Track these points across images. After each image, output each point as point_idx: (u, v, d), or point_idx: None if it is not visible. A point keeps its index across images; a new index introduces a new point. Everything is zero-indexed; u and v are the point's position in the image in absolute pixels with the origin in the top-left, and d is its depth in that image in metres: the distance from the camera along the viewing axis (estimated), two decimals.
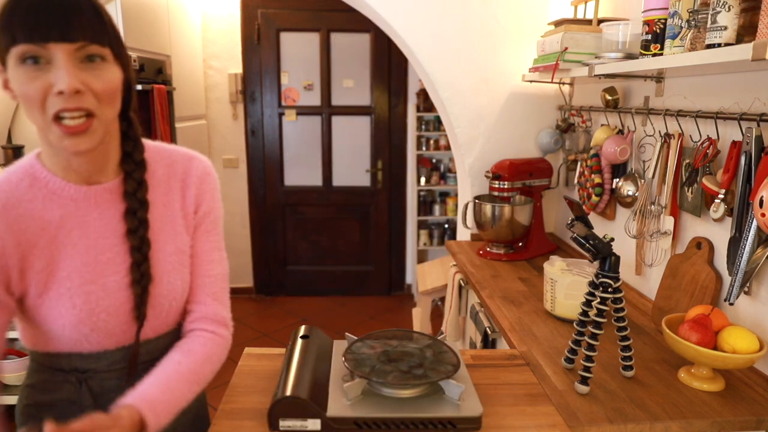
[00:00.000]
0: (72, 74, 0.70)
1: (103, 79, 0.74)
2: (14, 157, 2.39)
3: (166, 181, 0.90)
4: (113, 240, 0.83)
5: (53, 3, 0.68)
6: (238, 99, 3.78)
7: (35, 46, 0.68)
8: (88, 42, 0.72)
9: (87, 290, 0.81)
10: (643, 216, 1.61)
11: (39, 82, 0.70)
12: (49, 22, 0.68)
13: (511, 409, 1.07)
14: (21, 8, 0.68)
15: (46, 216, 0.80)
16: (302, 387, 0.96)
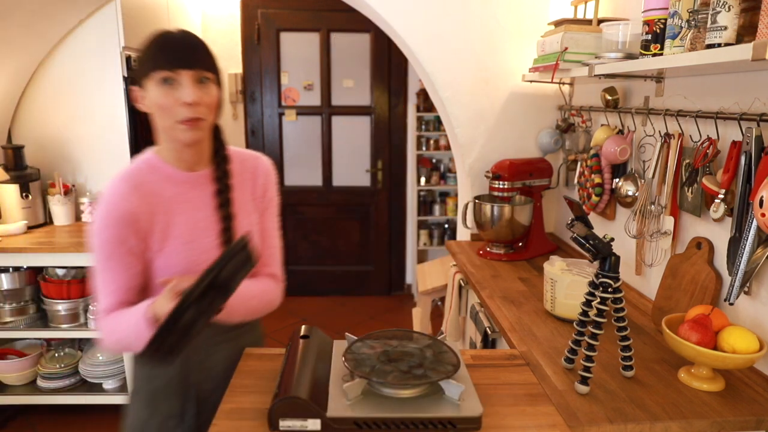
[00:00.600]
0: (193, 91, 1.02)
1: (210, 95, 1.06)
2: (14, 157, 2.39)
3: (240, 173, 1.20)
4: (207, 212, 1.13)
5: (182, 44, 1.03)
6: (238, 99, 3.78)
7: (171, 72, 1.01)
8: (202, 69, 1.04)
9: (190, 246, 1.11)
10: (643, 216, 1.61)
11: (171, 97, 1.02)
12: (179, 56, 1.01)
13: (511, 409, 1.07)
14: (162, 46, 1.02)
15: (163, 193, 1.11)
16: (302, 387, 0.96)
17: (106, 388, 2.38)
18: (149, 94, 1.04)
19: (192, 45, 1.04)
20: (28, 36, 2.29)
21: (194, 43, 1.04)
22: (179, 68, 1.01)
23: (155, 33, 1.05)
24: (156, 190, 1.10)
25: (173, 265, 1.09)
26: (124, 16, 2.49)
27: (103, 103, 2.56)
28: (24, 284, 2.29)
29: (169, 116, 1.03)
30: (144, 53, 1.03)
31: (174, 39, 1.03)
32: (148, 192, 1.09)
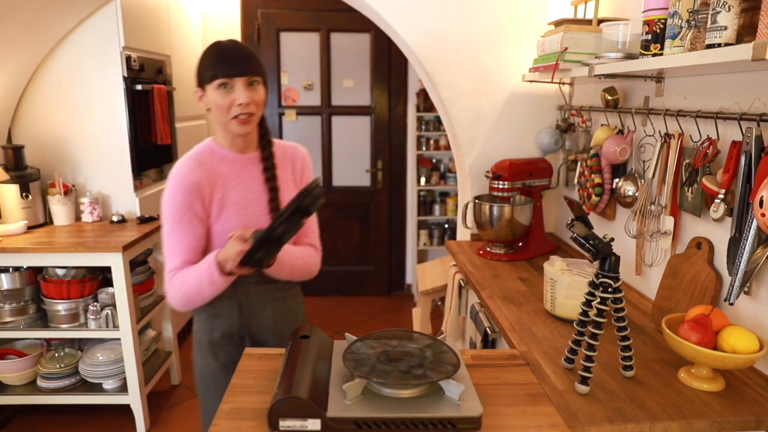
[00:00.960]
0: (246, 94, 1.25)
1: (258, 94, 1.29)
2: (14, 157, 2.39)
3: (281, 157, 1.43)
4: (257, 186, 1.37)
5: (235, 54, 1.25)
6: None
7: (228, 79, 1.24)
8: (252, 75, 1.27)
9: (243, 213, 1.34)
10: (643, 216, 1.61)
11: (228, 99, 1.25)
12: (235, 67, 1.24)
13: (511, 409, 1.07)
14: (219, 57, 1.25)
15: (220, 170, 1.35)
16: (302, 387, 0.96)
17: (106, 388, 2.38)
18: (209, 95, 1.27)
19: (243, 55, 1.26)
20: (28, 36, 2.29)
21: (245, 53, 1.26)
22: (234, 76, 1.24)
23: (211, 46, 1.29)
24: (214, 167, 1.34)
25: (229, 228, 1.32)
26: (124, 16, 2.49)
27: (103, 103, 2.56)
28: (24, 284, 2.29)
29: (226, 114, 1.27)
30: (203, 63, 1.27)
31: (228, 50, 1.26)
32: (208, 168, 1.33)
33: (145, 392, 2.39)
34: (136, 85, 2.61)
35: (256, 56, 1.29)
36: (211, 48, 1.28)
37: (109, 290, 2.32)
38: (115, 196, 2.67)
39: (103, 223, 2.56)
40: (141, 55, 2.69)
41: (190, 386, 2.83)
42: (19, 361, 2.34)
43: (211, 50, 1.28)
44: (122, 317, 2.25)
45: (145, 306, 2.50)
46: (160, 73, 2.92)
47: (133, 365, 2.30)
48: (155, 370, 2.56)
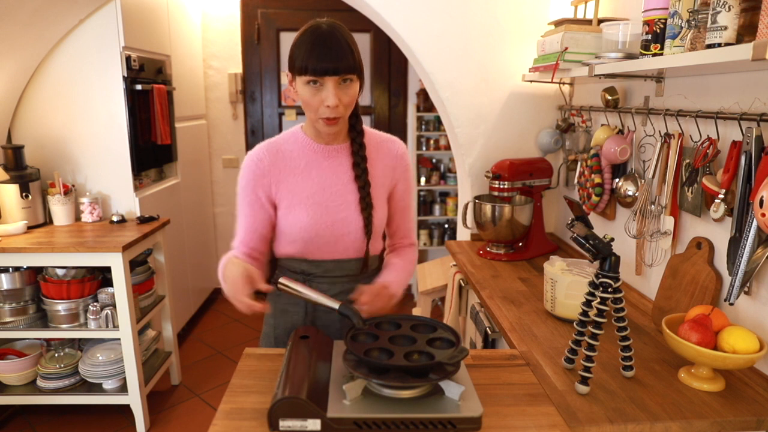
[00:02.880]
0: (335, 94, 1.14)
1: (349, 93, 1.17)
2: (14, 156, 2.39)
3: (375, 150, 1.31)
4: (342, 181, 1.26)
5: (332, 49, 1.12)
6: (238, 99, 3.78)
7: (318, 77, 1.12)
8: (345, 74, 1.14)
9: (315, 208, 1.24)
10: (643, 216, 1.61)
11: (317, 97, 1.15)
12: (326, 66, 1.11)
13: (512, 409, 1.07)
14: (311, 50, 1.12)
15: (297, 159, 1.26)
16: (302, 387, 0.96)
17: (106, 388, 2.38)
18: (298, 85, 1.17)
19: (339, 48, 1.12)
20: (28, 35, 2.29)
21: (341, 46, 1.13)
22: (324, 74, 1.12)
23: (308, 29, 1.16)
24: (291, 155, 1.27)
25: (300, 221, 1.25)
26: (124, 15, 2.49)
27: (103, 102, 2.56)
28: (24, 284, 2.29)
29: (313, 112, 1.18)
30: (296, 48, 1.15)
31: (324, 40, 1.12)
32: (282, 156, 1.26)
33: (145, 392, 2.39)
34: (135, 85, 2.61)
35: (354, 48, 1.15)
36: (307, 32, 1.15)
37: (109, 290, 2.32)
38: (114, 196, 2.67)
39: (102, 223, 2.56)
40: (141, 55, 2.68)
41: (190, 386, 2.83)
42: (19, 361, 2.34)
43: (307, 35, 1.14)
44: (122, 317, 2.25)
45: (145, 306, 2.50)
46: (160, 72, 2.92)
47: (132, 365, 2.30)
48: (155, 370, 2.55)
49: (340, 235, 1.26)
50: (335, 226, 1.25)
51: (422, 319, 1.18)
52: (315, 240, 1.26)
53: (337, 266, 1.31)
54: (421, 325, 1.16)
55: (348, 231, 1.26)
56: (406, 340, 1.10)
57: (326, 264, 1.30)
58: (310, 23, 1.17)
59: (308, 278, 1.31)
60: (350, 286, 1.29)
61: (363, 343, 1.09)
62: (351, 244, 1.28)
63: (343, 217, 1.25)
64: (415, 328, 1.15)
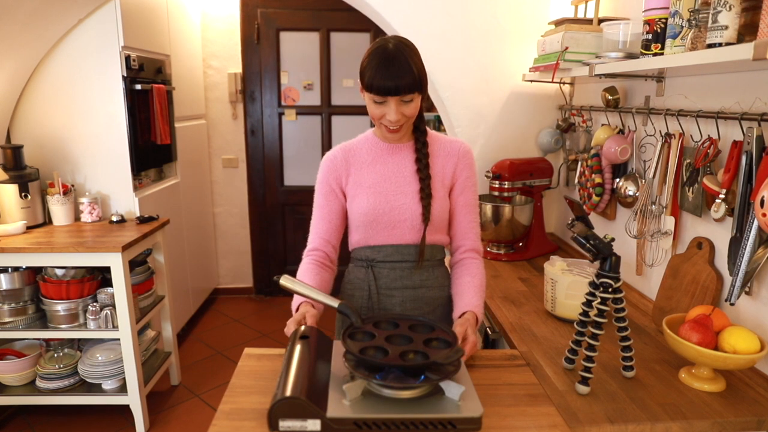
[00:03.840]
0: (396, 112, 1.26)
1: (411, 108, 1.28)
2: (13, 156, 2.38)
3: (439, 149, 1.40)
4: (404, 174, 1.38)
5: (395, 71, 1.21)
6: (238, 99, 3.77)
7: (381, 97, 1.24)
8: (407, 93, 1.24)
9: (375, 196, 1.37)
10: (644, 216, 1.61)
11: (379, 111, 1.27)
12: (390, 88, 1.22)
13: (512, 409, 1.07)
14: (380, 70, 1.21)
15: (364, 155, 1.40)
16: (302, 387, 0.96)
17: (106, 389, 2.37)
18: (365, 98, 1.29)
19: (402, 70, 1.22)
20: (28, 35, 2.29)
21: (405, 68, 1.22)
22: (387, 95, 1.23)
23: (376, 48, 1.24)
24: (360, 152, 1.41)
25: (361, 206, 1.38)
26: (124, 15, 2.49)
27: (102, 102, 2.56)
28: (23, 284, 2.29)
29: (378, 121, 1.31)
30: (365, 64, 1.26)
31: (389, 61, 1.22)
32: (352, 153, 1.41)
33: (144, 392, 2.39)
34: (135, 85, 2.61)
35: (416, 67, 1.24)
36: (375, 51, 1.24)
37: (109, 290, 2.32)
38: (114, 196, 2.67)
39: (102, 223, 2.55)
40: (140, 55, 2.68)
41: (189, 386, 2.83)
42: (18, 362, 2.33)
43: (374, 54, 1.24)
44: (121, 317, 2.24)
45: (145, 306, 2.50)
46: (160, 72, 2.92)
47: (132, 365, 2.29)
48: (155, 370, 2.55)
49: (398, 221, 1.37)
50: (393, 212, 1.37)
51: (420, 320, 1.17)
52: (374, 224, 1.38)
53: (396, 251, 1.40)
54: (419, 325, 1.16)
55: (404, 218, 1.37)
56: (402, 339, 1.09)
57: (386, 249, 1.41)
58: (379, 42, 1.26)
59: (372, 264, 1.43)
60: (410, 272, 1.41)
61: (359, 341, 1.09)
62: (408, 230, 1.38)
63: (400, 204, 1.37)
64: (413, 328, 1.14)
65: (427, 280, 1.42)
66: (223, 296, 4.08)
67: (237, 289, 4.09)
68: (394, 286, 1.41)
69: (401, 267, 1.40)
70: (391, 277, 1.41)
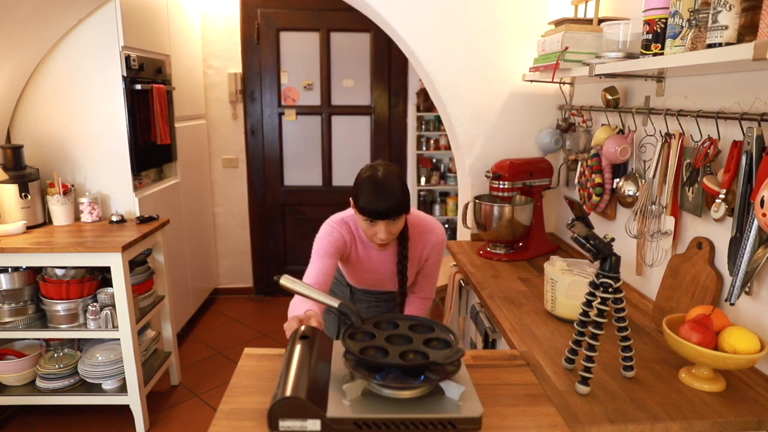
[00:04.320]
0: (386, 231, 1.47)
1: (398, 226, 1.50)
2: (13, 156, 2.38)
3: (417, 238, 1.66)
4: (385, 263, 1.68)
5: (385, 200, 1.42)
6: (238, 99, 3.78)
7: (372, 220, 1.46)
8: (395, 217, 1.46)
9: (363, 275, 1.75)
10: (644, 216, 1.61)
11: (371, 231, 1.49)
12: (381, 214, 1.43)
13: (512, 409, 1.07)
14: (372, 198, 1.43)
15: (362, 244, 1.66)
16: (302, 388, 0.96)
17: (106, 389, 2.37)
18: (357, 216, 1.50)
19: (391, 199, 1.42)
20: (28, 35, 2.29)
21: (394, 196, 1.43)
22: (377, 219, 1.44)
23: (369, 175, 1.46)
24: (360, 240, 1.65)
25: (353, 280, 1.80)
26: (124, 15, 2.49)
27: (102, 102, 2.56)
28: (23, 284, 2.29)
29: (368, 236, 1.52)
30: (358, 188, 1.48)
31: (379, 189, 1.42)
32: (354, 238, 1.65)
33: (144, 393, 2.39)
34: (135, 85, 2.61)
35: (403, 191, 1.45)
36: (365, 179, 1.46)
37: (109, 290, 2.32)
38: (114, 196, 2.67)
39: (102, 223, 2.55)
40: (140, 55, 2.68)
41: (189, 386, 2.83)
42: (18, 362, 2.33)
43: (367, 182, 1.45)
44: (121, 317, 2.24)
45: (145, 306, 2.50)
46: (160, 72, 2.92)
47: (132, 365, 2.29)
48: (155, 370, 2.55)
49: (378, 286, 1.80)
50: (376, 285, 1.79)
51: (420, 320, 1.17)
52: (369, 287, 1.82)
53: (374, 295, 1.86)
54: (419, 325, 1.16)
55: (385, 284, 1.78)
56: (402, 339, 1.09)
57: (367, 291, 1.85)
58: (369, 170, 1.48)
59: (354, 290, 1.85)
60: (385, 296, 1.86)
61: (360, 341, 1.09)
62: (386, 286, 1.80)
63: (381, 278, 1.73)
64: (413, 328, 1.14)
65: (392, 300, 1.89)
66: (223, 296, 4.08)
67: (237, 289, 4.09)
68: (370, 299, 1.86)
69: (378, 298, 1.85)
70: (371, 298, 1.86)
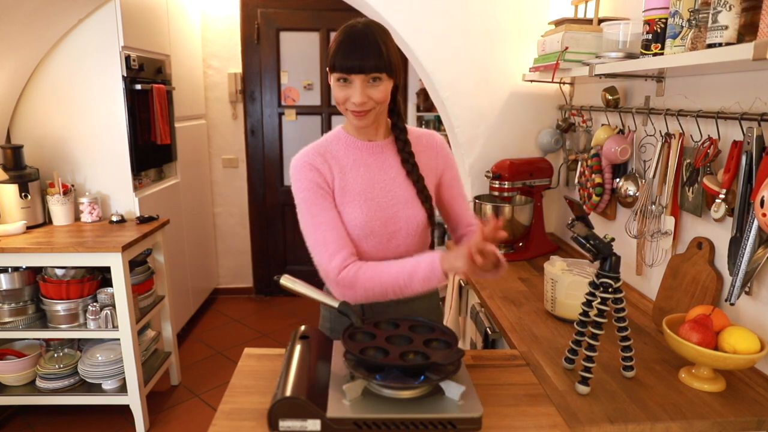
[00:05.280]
0: (362, 92, 1.16)
1: (379, 90, 1.18)
2: (13, 156, 2.38)
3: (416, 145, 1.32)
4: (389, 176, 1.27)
5: (360, 48, 1.14)
6: (238, 99, 3.78)
7: (345, 75, 1.15)
8: (373, 72, 1.15)
9: (368, 203, 1.25)
10: (644, 216, 1.61)
11: (343, 93, 1.17)
12: (354, 66, 1.14)
13: (512, 409, 1.07)
14: (343, 47, 1.14)
15: (343, 158, 1.27)
16: (302, 387, 0.96)
17: (106, 389, 2.37)
18: (332, 84, 1.20)
19: (368, 47, 1.14)
20: (28, 35, 2.29)
21: (371, 45, 1.14)
22: (351, 72, 1.14)
23: (344, 28, 1.18)
24: (337, 153, 1.28)
25: (356, 220, 1.24)
26: (124, 15, 2.49)
27: (102, 102, 2.56)
28: (23, 284, 2.29)
29: (342, 106, 1.20)
30: (331, 45, 1.19)
31: (353, 38, 1.15)
32: (330, 154, 1.27)
33: (144, 392, 2.39)
34: (135, 85, 2.61)
35: (385, 48, 1.16)
36: (341, 31, 1.18)
37: (109, 290, 2.32)
38: (114, 196, 2.66)
39: (102, 223, 2.55)
40: (140, 55, 2.68)
41: (189, 386, 2.83)
42: (18, 362, 2.33)
43: (340, 33, 1.18)
44: (121, 317, 2.24)
45: (145, 306, 2.50)
46: (160, 72, 2.92)
47: (132, 365, 2.29)
48: (155, 370, 2.55)
49: (394, 232, 1.27)
50: (389, 223, 1.26)
51: (420, 320, 1.17)
52: (369, 238, 1.25)
53: None
54: (419, 325, 1.16)
55: (400, 227, 1.27)
56: (403, 339, 1.09)
57: None
58: (348, 23, 1.20)
59: None
60: None
61: (360, 341, 1.09)
62: (403, 240, 1.28)
63: (394, 212, 1.26)
64: (413, 328, 1.14)
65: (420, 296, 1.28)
66: (223, 296, 4.08)
67: (237, 289, 4.09)
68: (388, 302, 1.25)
69: None
70: None
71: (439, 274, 1.12)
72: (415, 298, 1.32)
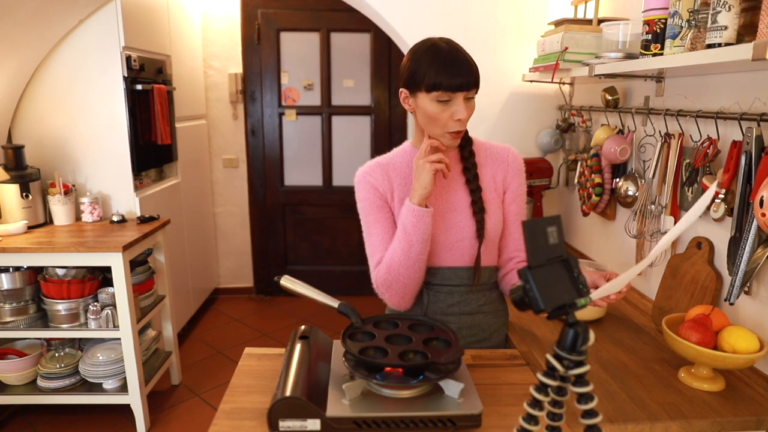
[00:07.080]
0: (465, 109, 1.16)
1: (472, 107, 1.19)
2: (14, 156, 2.39)
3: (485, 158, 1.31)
4: (452, 186, 1.28)
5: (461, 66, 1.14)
6: (238, 99, 3.78)
7: (449, 95, 1.14)
8: (473, 88, 1.16)
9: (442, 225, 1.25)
10: (644, 216, 1.61)
11: (446, 113, 1.16)
12: (462, 81, 1.13)
13: (512, 409, 1.07)
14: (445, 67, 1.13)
15: (405, 168, 1.29)
16: (302, 387, 0.96)
17: (106, 388, 2.38)
18: (420, 102, 1.18)
19: (467, 65, 1.15)
20: (29, 35, 2.29)
21: (468, 63, 1.15)
22: (457, 90, 1.14)
23: (431, 47, 1.16)
24: (399, 165, 1.30)
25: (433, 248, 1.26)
26: (125, 15, 2.49)
27: (103, 102, 2.56)
28: (24, 284, 2.29)
29: (440, 127, 1.18)
30: (420, 65, 1.16)
31: (451, 57, 1.14)
32: (391, 167, 1.29)
33: (145, 392, 2.39)
34: (136, 85, 2.61)
35: (476, 67, 1.17)
36: (430, 50, 1.15)
37: (109, 290, 2.32)
38: (115, 196, 2.67)
39: (103, 223, 2.56)
40: (141, 55, 2.68)
41: (190, 386, 2.83)
42: (19, 361, 2.34)
43: (430, 53, 1.15)
44: (122, 317, 2.25)
45: (145, 306, 2.50)
46: (161, 72, 2.92)
47: (133, 365, 2.30)
48: (155, 370, 2.55)
49: (455, 241, 1.26)
50: (449, 231, 1.26)
51: (420, 319, 1.18)
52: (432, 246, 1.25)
53: (453, 273, 1.29)
54: (419, 324, 1.16)
55: (462, 237, 1.26)
56: (402, 339, 1.10)
57: (442, 271, 1.29)
58: (427, 42, 1.18)
59: (429, 288, 1.31)
60: (467, 296, 1.30)
61: (359, 341, 1.09)
62: (466, 250, 1.27)
63: (455, 222, 1.26)
64: (413, 327, 1.15)
65: (484, 306, 1.32)
66: (224, 296, 4.08)
67: (237, 288, 4.09)
68: (451, 312, 1.30)
69: (459, 291, 1.29)
70: (448, 302, 1.30)
71: (416, 210, 1.17)
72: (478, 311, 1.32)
